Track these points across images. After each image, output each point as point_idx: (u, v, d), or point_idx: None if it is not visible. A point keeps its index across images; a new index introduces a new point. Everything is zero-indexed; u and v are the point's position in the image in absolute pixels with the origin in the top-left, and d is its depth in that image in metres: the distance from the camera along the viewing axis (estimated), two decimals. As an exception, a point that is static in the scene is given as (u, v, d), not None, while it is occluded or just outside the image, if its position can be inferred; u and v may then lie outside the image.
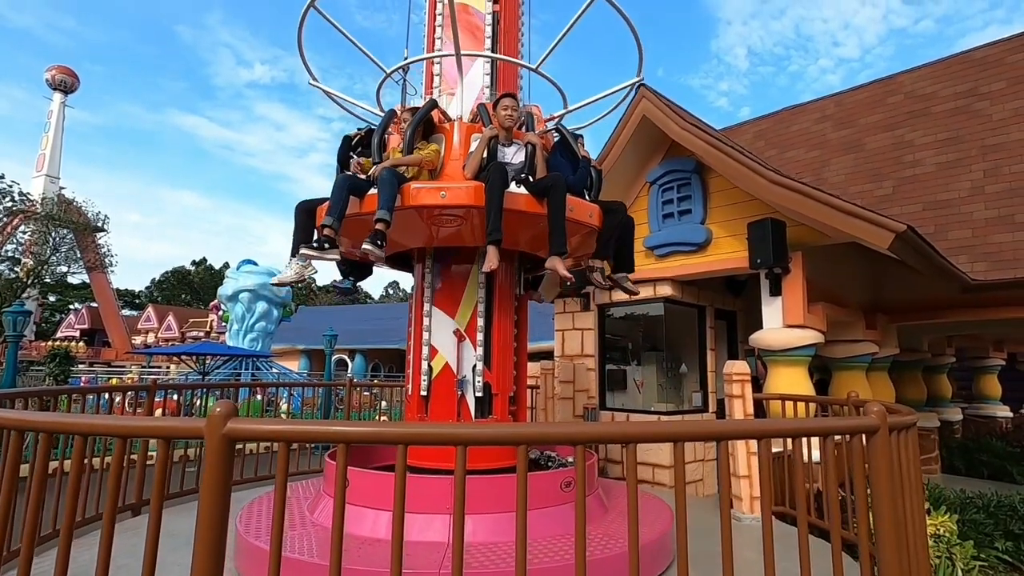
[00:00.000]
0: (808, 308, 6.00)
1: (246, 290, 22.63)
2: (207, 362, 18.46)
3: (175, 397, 11.81)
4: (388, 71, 4.90)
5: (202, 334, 43.52)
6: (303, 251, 3.72)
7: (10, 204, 27.60)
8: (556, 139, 4.45)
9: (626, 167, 7.33)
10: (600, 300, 7.77)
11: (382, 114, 4.53)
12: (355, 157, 4.18)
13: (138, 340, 47.51)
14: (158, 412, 9.90)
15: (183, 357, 18.10)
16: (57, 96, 51.11)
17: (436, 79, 4.66)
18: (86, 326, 50.29)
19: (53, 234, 28.80)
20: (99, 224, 32.39)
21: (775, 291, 6.12)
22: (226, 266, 23.72)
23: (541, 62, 4.92)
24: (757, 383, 6.98)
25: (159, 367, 32.34)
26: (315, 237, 3.83)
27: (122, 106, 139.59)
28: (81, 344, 41.86)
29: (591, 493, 4.26)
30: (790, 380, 5.92)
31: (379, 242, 3.46)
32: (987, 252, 7.10)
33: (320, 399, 13.31)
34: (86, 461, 4.50)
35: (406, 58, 4.83)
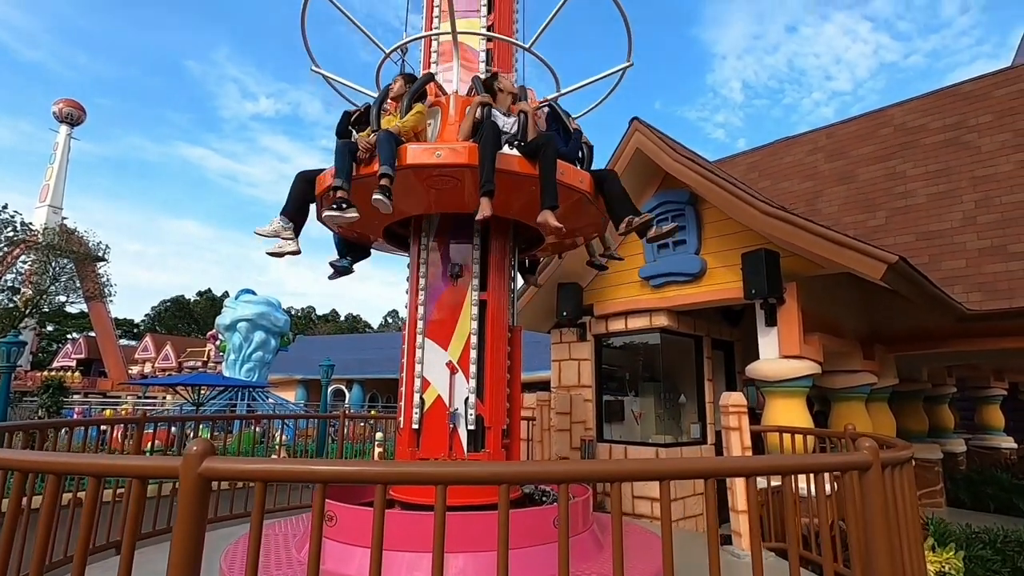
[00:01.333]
0: (804, 338, 5.97)
1: (244, 319, 22.60)
2: (202, 393, 18.29)
3: (170, 427, 11.64)
4: (387, 51, 5.00)
5: (199, 364, 43.28)
6: (326, 214, 3.77)
7: (11, 234, 27.75)
8: (547, 113, 4.54)
9: (620, 198, 7.40)
10: (596, 330, 7.75)
11: None
12: (355, 132, 4.24)
13: (135, 370, 47.19)
14: (149, 444, 9.75)
15: (178, 388, 17.93)
16: (63, 129, 51.94)
17: (434, 55, 4.84)
18: (83, 356, 50.02)
19: (53, 264, 28.89)
20: (100, 254, 32.53)
21: (770, 321, 6.11)
22: (226, 295, 23.73)
23: (533, 41, 5.07)
24: (756, 414, 6.91)
25: (154, 397, 32.05)
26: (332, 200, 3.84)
27: (129, 138, 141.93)
28: (76, 374, 41.55)
29: (585, 530, 4.16)
30: (788, 412, 5.86)
31: (387, 195, 3.57)
32: (981, 282, 7.12)
33: (315, 430, 13.14)
34: (77, 495, 4.41)
35: (405, 38, 4.97)
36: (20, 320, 27.97)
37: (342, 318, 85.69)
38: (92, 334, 49.49)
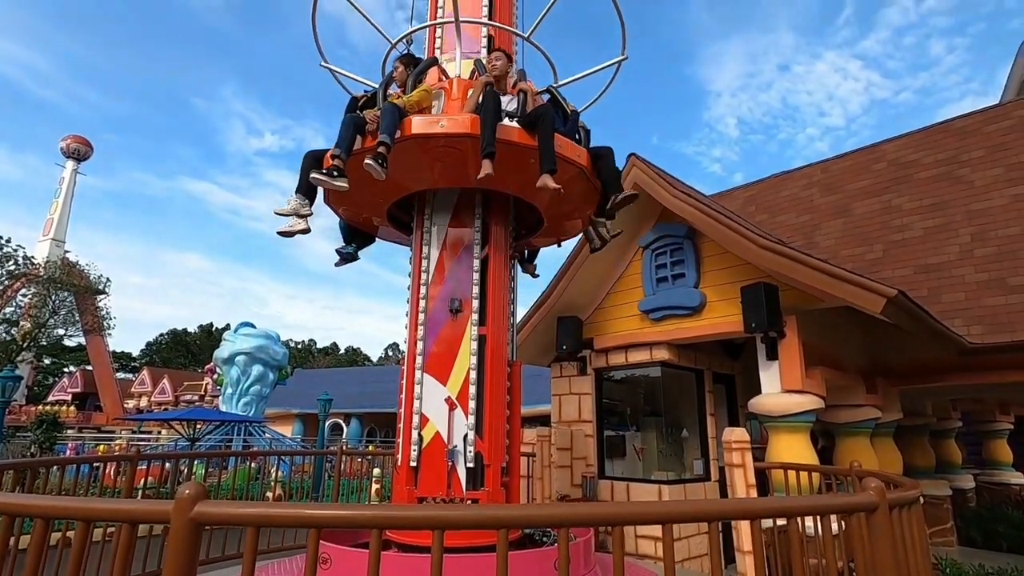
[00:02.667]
0: (806, 372, 5.93)
1: (242, 353, 22.46)
2: (198, 427, 18.04)
3: (164, 463, 11.41)
4: (393, 42, 5.15)
5: (196, 398, 42.84)
6: (314, 175, 3.87)
7: (13, 268, 27.85)
8: (547, 99, 4.62)
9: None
10: (597, 364, 7.70)
11: None
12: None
13: (131, 404, 46.66)
14: (142, 480, 9.56)
15: (173, 423, 17.69)
16: (70, 164, 52.76)
17: (438, 40, 5.05)
18: (79, 389, 49.51)
19: (53, 297, 28.90)
20: (100, 286, 32.58)
21: (771, 355, 6.07)
22: (227, 327, 23.63)
23: (532, 31, 5.24)
24: (760, 449, 6.80)
25: (149, 432, 31.61)
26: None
27: (134, 172, 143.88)
28: (71, 408, 41.07)
29: (588, 572, 4.05)
30: (792, 447, 5.77)
31: (381, 162, 3.70)
32: (981, 315, 7.11)
33: (312, 466, 12.89)
34: (67, 535, 4.30)
35: (410, 28, 5.15)
36: (17, 354, 27.81)
37: (342, 351, 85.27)
38: (89, 368, 49.13)
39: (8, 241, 27.81)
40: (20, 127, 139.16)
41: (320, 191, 4.29)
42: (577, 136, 4.51)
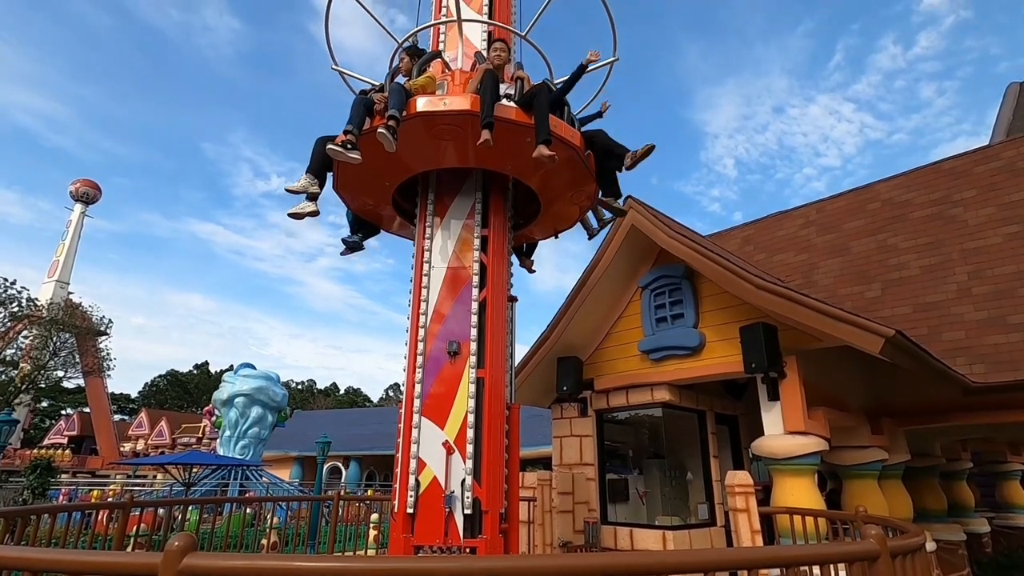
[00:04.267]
0: (808, 413, 5.87)
1: (242, 394, 22.27)
2: (194, 472, 17.72)
3: (157, 510, 11.17)
4: (400, 41, 5.40)
5: (194, 440, 42.20)
6: (329, 147, 4.10)
7: (16, 309, 27.94)
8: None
9: (618, 273, 7.52)
10: (597, 405, 7.63)
11: None
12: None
13: (128, 447, 45.95)
14: (135, 528, 9.32)
15: (169, 467, 17.40)
16: (78, 207, 53.57)
17: (442, 38, 5.41)
18: (75, 432, 48.83)
19: (54, 338, 28.87)
20: (102, 328, 32.58)
21: (773, 396, 6.03)
22: (230, 368, 23.45)
23: (529, 29, 5.50)
24: (768, 492, 6.66)
25: (144, 476, 31.05)
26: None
27: (141, 215, 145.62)
28: (67, 452, 40.43)
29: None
30: (797, 491, 5.65)
31: (392, 132, 3.98)
32: (983, 354, 7.07)
33: (309, 512, 12.57)
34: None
35: (416, 28, 5.46)
36: (15, 396, 27.60)
37: (342, 391, 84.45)
38: (87, 410, 48.63)
39: (13, 283, 28.00)
40: (33, 172, 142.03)
41: (329, 177, 4.63)
42: (572, 126, 4.77)
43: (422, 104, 4.20)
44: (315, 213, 4.41)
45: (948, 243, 8.73)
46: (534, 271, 5.88)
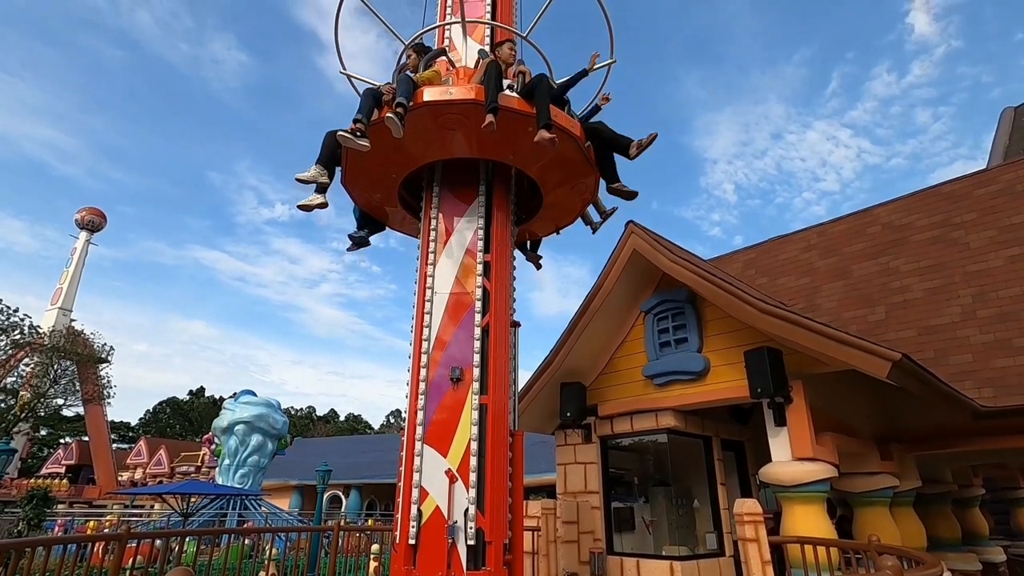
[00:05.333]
0: (816, 438, 5.78)
1: (242, 422, 22.06)
2: (192, 501, 17.45)
3: (154, 541, 10.95)
4: (407, 43, 5.53)
5: (192, 469, 41.70)
6: (340, 133, 4.30)
7: (18, 337, 27.93)
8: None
9: (620, 297, 7.51)
10: (602, 432, 7.53)
11: None
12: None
13: (125, 476, 45.38)
14: (131, 560, 9.13)
15: (167, 496, 17.14)
16: (83, 235, 54.03)
17: (448, 30, 5.63)
18: (73, 461, 48.31)
19: (55, 366, 28.79)
20: (104, 355, 32.51)
21: (779, 421, 5.95)
22: (234, 396, 23.26)
23: (530, 31, 5.67)
24: (777, 520, 6.52)
25: (142, 506, 30.57)
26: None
27: (146, 243, 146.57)
28: (64, 482, 39.93)
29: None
30: (807, 519, 5.53)
31: (399, 120, 4.17)
32: (991, 377, 7.00)
33: (308, 543, 12.31)
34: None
35: (422, 28, 5.63)
36: (14, 425, 27.39)
37: (342, 418, 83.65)
38: (85, 438, 48.18)
39: (16, 311, 28.07)
40: (41, 201, 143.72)
41: (337, 170, 4.84)
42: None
43: (429, 94, 4.36)
44: (324, 205, 4.63)
45: (950, 266, 8.72)
46: (541, 266, 6.05)
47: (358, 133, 4.28)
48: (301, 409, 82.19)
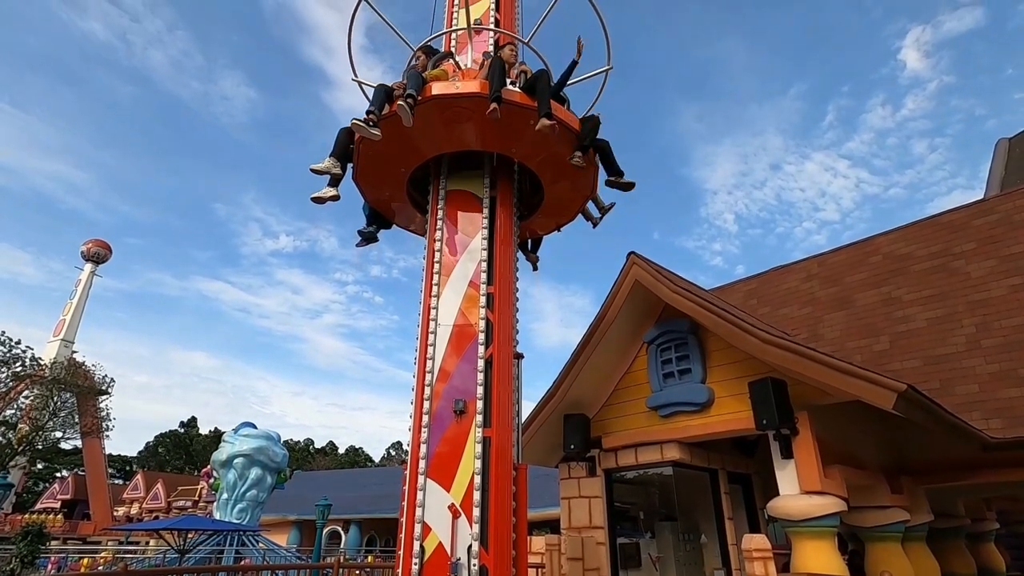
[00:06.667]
0: (824, 471, 5.69)
1: (241, 455, 21.76)
2: (189, 537, 17.10)
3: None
4: (415, 48, 5.81)
5: (190, 504, 40.94)
6: (353, 120, 4.64)
7: (19, 369, 27.87)
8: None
9: (623, 328, 7.50)
10: (606, 464, 7.42)
11: None
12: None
13: (121, 511, 44.57)
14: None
15: (163, 532, 16.82)
16: (88, 266, 54.44)
17: (454, 42, 5.99)
18: (69, 496, 47.54)
19: (55, 398, 28.63)
20: (104, 387, 32.36)
21: (786, 454, 5.87)
22: (237, 428, 22.98)
23: (531, 36, 6.07)
24: (788, 556, 6.38)
25: (137, 543, 29.96)
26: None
27: (151, 274, 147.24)
28: (59, 517, 39.22)
29: None
30: (817, 555, 5.40)
31: (409, 109, 4.45)
32: (999, 408, 6.93)
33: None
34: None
35: (430, 34, 6.05)
36: (11, 458, 27.09)
37: (342, 451, 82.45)
38: (82, 472, 47.52)
39: (18, 343, 28.08)
40: (47, 234, 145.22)
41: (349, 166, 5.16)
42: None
43: (436, 88, 4.67)
44: (336, 198, 4.94)
45: (953, 295, 8.73)
46: (537, 268, 6.34)
47: (371, 122, 4.58)
48: (298, 442, 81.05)
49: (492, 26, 6.02)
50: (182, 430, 75.00)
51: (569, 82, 5.85)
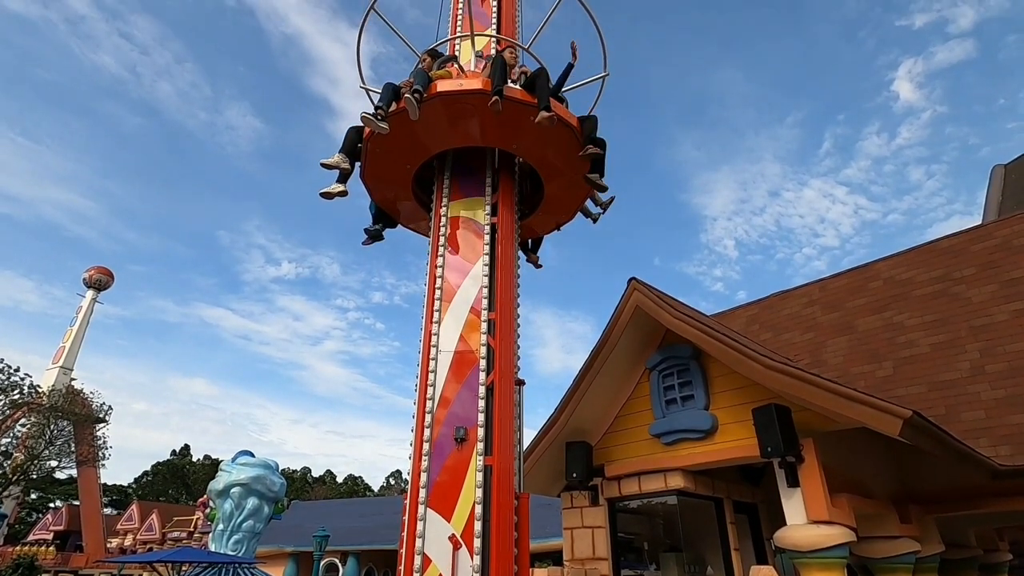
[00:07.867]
0: (832, 500, 5.58)
1: (239, 484, 21.41)
2: (183, 570, 16.73)
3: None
4: (420, 54, 5.99)
5: (185, 535, 40.13)
6: (363, 113, 4.84)
7: (17, 397, 27.67)
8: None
9: (624, 354, 7.46)
10: (609, 493, 7.29)
11: None
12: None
13: (115, 542, 43.63)
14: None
15: (156, 565, 16.45)
16: (90, 293, 54.53)
17: (458, 48, 6.27)
18: (62, 527, 46.59)
19: (52, 426, 28.35)
20: (102, 415, 32.06)
21: (792, 482, 5.77)
22: (233, 458, 22.66)
23: (531, 43, 6.35)
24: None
25: (131, 575, 29.27)
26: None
27: (153, 300, 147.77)
28: (51, 549, 38.41)
29: None
30: (827, 588, 5.26)
31: (416, 102, 4.71)
32: (1007, 434, 6.83)
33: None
34: None
35: (436, 41, 6.27)
36: (5, 488, 26.68)
37: (341, 479, 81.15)
38: (76, 502, 46.70)
39: (16, 370, 27.93)
40: (51, 261, 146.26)
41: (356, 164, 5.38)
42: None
43: (441, 85, 4.92)
44: (344, 193, 5.13)
45: (955, 320, 8.70)
46: (540, 266, 6.52)
47: (379, 116, 4.81)
48: (296, 470, 79.82)
49: (493, 32, 6.33)
50: (175, 458, 73.91)
51: (569, 87, 6.08)
